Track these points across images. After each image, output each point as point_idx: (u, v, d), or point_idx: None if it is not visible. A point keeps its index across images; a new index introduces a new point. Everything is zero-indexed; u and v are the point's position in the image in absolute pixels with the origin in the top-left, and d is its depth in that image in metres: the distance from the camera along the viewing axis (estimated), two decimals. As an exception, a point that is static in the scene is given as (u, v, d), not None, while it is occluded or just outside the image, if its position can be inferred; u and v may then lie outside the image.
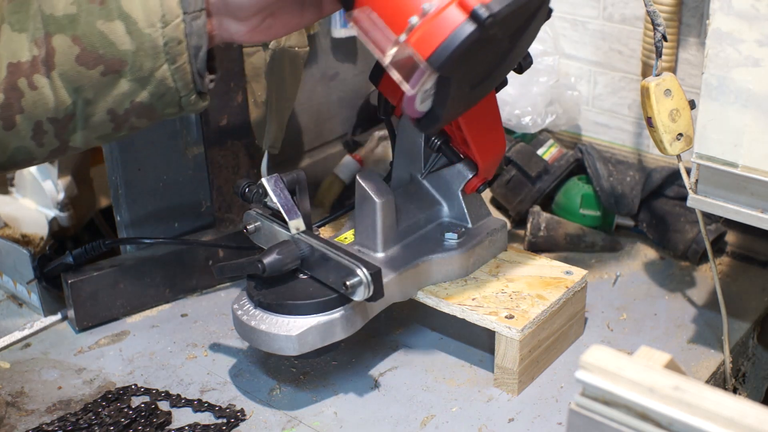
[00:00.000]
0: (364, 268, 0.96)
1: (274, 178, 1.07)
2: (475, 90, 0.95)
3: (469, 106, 1.00)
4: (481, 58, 0.89)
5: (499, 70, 0.95)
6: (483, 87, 0.97)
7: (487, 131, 1.09)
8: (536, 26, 0.95)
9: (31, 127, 0.86)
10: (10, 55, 0.84)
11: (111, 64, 0.85)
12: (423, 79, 0.84)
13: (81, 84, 0.85)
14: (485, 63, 0.91)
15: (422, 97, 0.89)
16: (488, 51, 0.89)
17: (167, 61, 0.88)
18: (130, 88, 0.87)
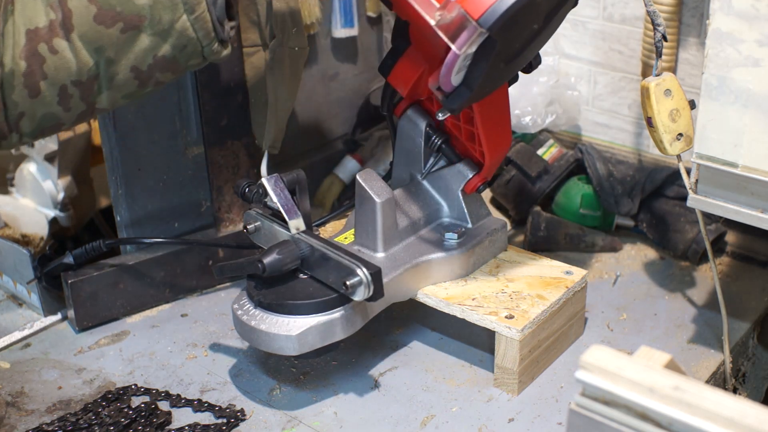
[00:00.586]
0: (364, 267, 0.96)
1: (274, 178, 1.07)
2: (506, 68, 0.96)
3: (495, 87, 1.02)
4: (521, 29, 0.90)
5: (529, 49, 0.97)
6: (512, 66, 0.98)
7: (498, 125, 1.09)
8: (564, 12, 0.97)
9: (57, 92, 0.85)
10: (27, 21, 0.83)
11: (129, 20, 0.84)
12: (471, 40, 0.86)
13: (102, 44, 0.84)
14: (521, 37, 0.93)
15: (460, 66, 0.90)
16: (528, 22, 0.90)
17: (186, 12, 0.87)
18: (152, 43, 0.86)
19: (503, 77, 1.01)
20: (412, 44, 1.04)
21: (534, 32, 0.94)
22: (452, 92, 0.93)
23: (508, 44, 0.90)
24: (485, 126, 1.06)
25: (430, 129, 1.12)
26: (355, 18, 1.43)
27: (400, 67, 1.05)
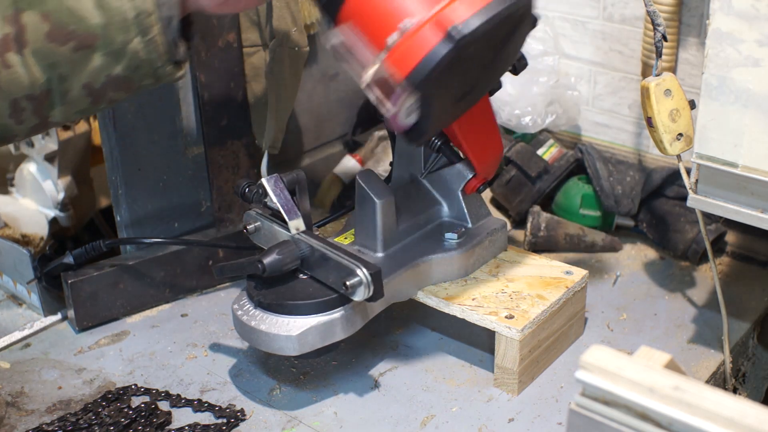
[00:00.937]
0: (364, 268, 0.96)
1: (274, 178, 1.07)
2: (461, 101, 0.94)
3: (458, 115, 1.00)
4: (462, 73, 0.88)
5: (484, 80, 0.95)
6: (469, 98, 0.96)
7: (482, 134, 1.09)
8: (521, 35, 0.95)
9: (8, 105, 0.84)
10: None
11: (82, 40, 0.84)
12: (402, 99, 0.84)
13: (54, 60, 0.84)
14: (467, 77, 0.91)
15: (406, 112, 0.88)
16: (469, 66, 0.88)
17: (139, 34, 0.86)
18: (104, 63, 0.86)
19: (463, 108, 0.99)
20: None
21: (484, 66, 0.91)
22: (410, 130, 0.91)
23: (451, 88, 0.88)
24: (467, 138, 1.06)
25: (430, 129, 1.12)
26: (355, 18, 1.42)
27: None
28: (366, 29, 0.86)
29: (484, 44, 0.86)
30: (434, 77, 0.82)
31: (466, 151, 1.08)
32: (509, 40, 0.91)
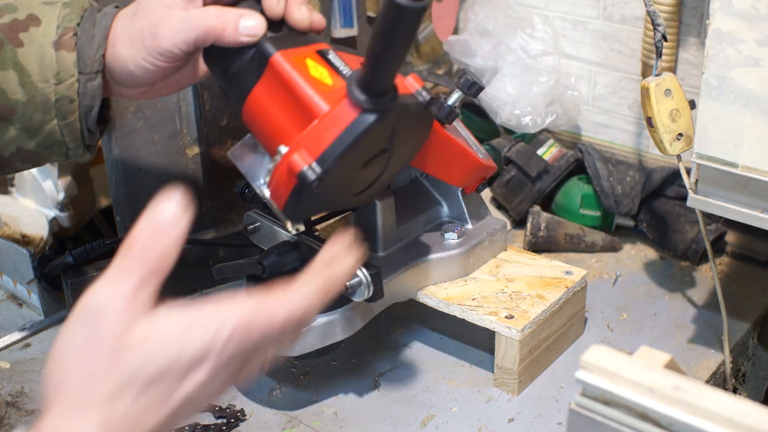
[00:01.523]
0: (364, 268, 0.96)
1: None
2: (368, 190, 0.91)
3: (369, 200, 1.00)
4: (347, 186, 0.86)
5: (390, 167, 0.90)
6: (378, 183, 0.92)
7: (449, 164, 1.05)
8: (426, 123, 0.92)
9: None
10: None
11: (0, 111, 0.87)
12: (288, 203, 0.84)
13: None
14: (360, 181, 0.88)
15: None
16: (349, 182, 0.86)
17: (57, 117, 0.89)
18: (18, 136, 0.89)
19: (374, 191, 0.94)
20: None
21: (382, 163, 0.87)
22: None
23: (340, 199, 0.89)
24: (438, 173, 1.06)
25: (430, 129, 1.12)
26: (354, 18, 1.42)
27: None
28: (259, 136, 0.88)
29: (349, 170, 0.83)
30: (304, 211, 0.84)
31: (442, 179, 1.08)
32: (408, 131, 0.88)
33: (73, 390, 0.58)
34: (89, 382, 0.58)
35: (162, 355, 0.58)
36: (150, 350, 0.58)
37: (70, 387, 0.59)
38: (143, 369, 0.58)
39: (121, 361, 0.58)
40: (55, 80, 0.87)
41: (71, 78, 0.87)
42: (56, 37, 0.87)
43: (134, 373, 0.58)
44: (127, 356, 0.58)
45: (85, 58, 0.88)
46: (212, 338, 0.59)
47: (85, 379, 0.58)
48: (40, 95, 0.87)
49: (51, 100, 0.88)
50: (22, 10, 0.89)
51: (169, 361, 0.58)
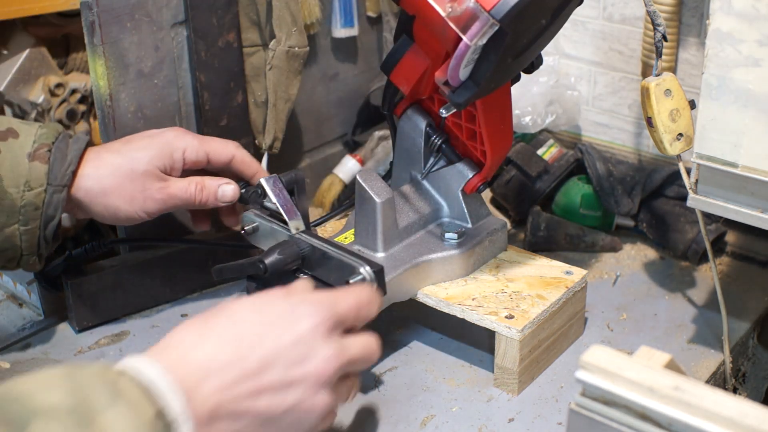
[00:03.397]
0: (367, 266, 0.96)
1: (273, 179, 1.07)
2: (513, 63, 0.97)
3: (501, 83, 1.03)
4: (530, 23, 0.92)
5: (535, 45, 0.98)
6: (519, 62, 0.99)
7: (500, 123, 1.09)
8: (569, 11, 0.98)
9: None
10: None
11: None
12: (482, 31, 0.87)
13: None
14: (530, 32, 0.94)
15: (468, 59, 0.91)
16: (537, 16, 0.92)
17: (20, 222, 0.97)
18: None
19: (509, 73, 1.02)
20: (416, 42, 1.04)
21: (541, 28, 0.95)
22: (459, 87, 0.94)
23: (517, 38, 0.91)
24: (488, 124, 1.07)
25: (430, 129, 1.12)
26: (355, 18, 1.43)
27: (402, 65, 1.05)
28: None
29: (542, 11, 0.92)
30: (517, 11, 0.86)
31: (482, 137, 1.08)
32: (564, 8, 0.96)
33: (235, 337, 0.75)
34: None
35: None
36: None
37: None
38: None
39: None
40: (25, 187, 0.97)
41: (40, 187, 0.97)
42: (32, 150, 0.98)
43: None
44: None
45: (56, 171, 0.98)
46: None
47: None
48: (8, 199, 0.96)
49: (17, 206, 0.97)
50: (2, 124, 1.00)
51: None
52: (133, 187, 1.03)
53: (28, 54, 1.37)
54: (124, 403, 0.65)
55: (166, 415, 0.67)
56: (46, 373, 0.66)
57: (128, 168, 1.03)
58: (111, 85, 1.12)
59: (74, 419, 0.62)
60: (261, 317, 0.76)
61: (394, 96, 1.14)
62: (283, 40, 1.22)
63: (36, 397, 0.63)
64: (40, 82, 1.39)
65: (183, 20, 1.17)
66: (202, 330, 0.75)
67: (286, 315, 0.77)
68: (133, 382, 0.67)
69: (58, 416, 0.62)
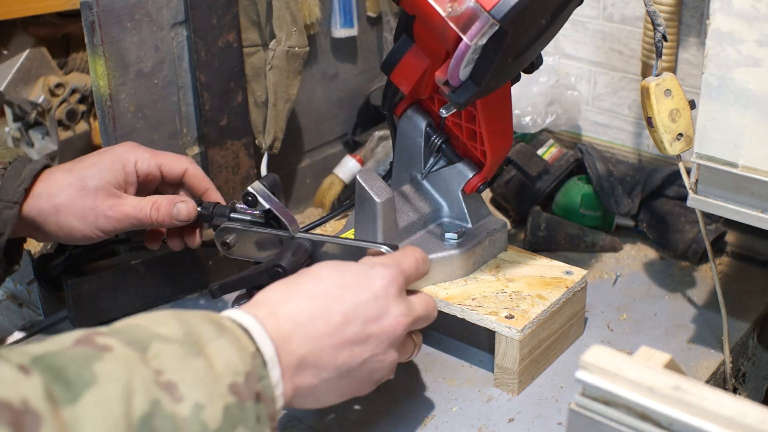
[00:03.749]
0: (384, 246, 0.97)
1: (259, 185, 1.06)
2: (513, 63, 0.98)
3: (501, 83, 1.03)
4: (530, 23, 0.92)
5: (535, 45, 0.98)
6: (519, 62, 0.99)
7: (500, 123, 1.09)
8: (569, 11, 0.98)
9: None
10: None
11: None
12: (483, 31, 0.87)
13: None
14: (530, 32, 0.94)
15: (468, 59, 0.91)
16: (538, 16, 0.92)
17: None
18: None
19: (510, 73, 1.02)
20: (416, 42, 1.04)
21: (541, 28, 0.95)
22: (459, 87, 0.94)
23: (518, 38, 0.92)
24: (488, 124, 1.07)
25: (430, 129, 1.12)
26: (355, 18, 1.43)
27: (403, 65, 1.05)
28: None
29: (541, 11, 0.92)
30: (517, 12, 0.86)
31: (482, 137, 1.08)
32: (564, 8, 0.96)
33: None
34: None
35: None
36: None
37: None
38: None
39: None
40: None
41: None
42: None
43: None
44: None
45: (8, 188, 0.98)
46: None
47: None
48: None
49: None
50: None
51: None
52: (84, 203, 1.01)
53: (28, 54, 1.38)
54: (229, 336, 0.72)
55: (264, 354, 0.74)
56: (155, 313, 0.73)
57: (79, 185, 1.02)
58: (111, 85, 1.12)
59: (187, 345, 0.69)
60: (341, 277, 0.83)
61: (394, 96, 1.14)
62: (283, 40, 1.22)
63: (152, 327, 0.70)
64: (40, 82, 1.39)
65: (183, 20, 1.17)
66: (287, 288, 0.83)
67: (362, 275, 0.84)
68: (234, 324, 0.75)
69: (173, 341, 0.69)
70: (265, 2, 1.21)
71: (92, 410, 0.61)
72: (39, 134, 1.45)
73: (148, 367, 0.66)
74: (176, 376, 0.66)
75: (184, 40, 1.18)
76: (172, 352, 0.68)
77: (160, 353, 0.67)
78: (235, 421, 0.68)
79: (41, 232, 1.03)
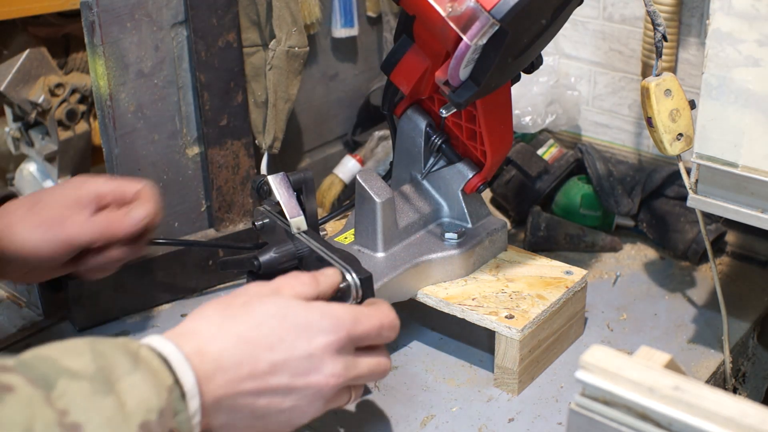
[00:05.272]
0: (354, 273, 0.94)
1: (280, 176, 1.06)
2: (513, 63, 0.97)
3: (501, 83, 1.03)
4: (531, 23, 0.92)
5: (535, 45, 0.98)
6: (519, 62, 0.99)
7: (500, 123, 1.09)
8: (569, 11, 0.98)
9: None
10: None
11: None
12: (483, 31, 0.87)
13: None
14: (530, 32, 0.94)
15: (468, 59, 0.91)
16: (538, 16, 0.92)
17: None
18: None
19: (510, 73, 1.02)
20: (416, 42, 1.04)
21: (541, 28, 0.95)
22: (459, 86, 0.94)
23: (518, 38, 0.92)
24: (488, 124, 1.07)
25: (430, 129, 1.12)
26: (355, 18, 1.43)
27: (403, 65, 1.05)
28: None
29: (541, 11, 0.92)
30: (517, 11, 0.86)
31: (482, 138, 1.08)
32: (564, 8, 0.96)
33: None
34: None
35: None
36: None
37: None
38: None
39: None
40: None
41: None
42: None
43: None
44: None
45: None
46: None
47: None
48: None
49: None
50: None
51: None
52: (40, 216, 0.98)
53: (28, 54, 1.37)
54: (144, 370, 0.69)
55: (183, 386, 0.72)
56: (71, 341, 0.69)
57: (33, 201, 1.00)
58: (111, 85, 1.12)
59: (97, 382, 0.66)
60: (281, 324, 0.79)
61: (394, 96, 1.14)
62: (283, 40, 1.22)
63: (62, 360, 0.67)
64: (40, 82, 1.39)
65: (183, 20, 1.17)
66: (222, 322, 0.79)
67: (304, 327, 0.80)
68: (153, 353, 0.72)
69: (82, 377, 0.66)
70: (265, 2, 1.21)
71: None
72: (39, 134, 1.45)
73: (52, 407, 0.63)
74: (82, 417, 0.63)
75: (184, 40, 1.18)
76: (81, 390, 0.65)
77: (67, 391, 0.64)
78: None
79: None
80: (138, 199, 1.04)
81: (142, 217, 1.02)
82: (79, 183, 1.03)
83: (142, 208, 1.02)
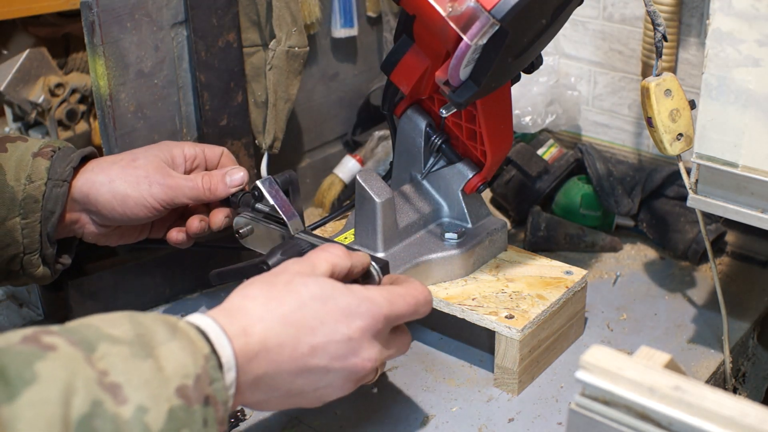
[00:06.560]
0: (373, 261, 0.95)
1: (269, 180, 1.06)
2: (513, 63, 0.98)
3: (501, 83, 1.03)
4: (531, 23, 0.92)
5: (535, 45, 0.98)
6: (519, 61, 0.99)
7: (500, 123, 1.09)
8: (569, 11, 0.99)
9: None
10: None
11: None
12: (483, 30, 0.87)
13: None
14: (530, 32, 0.94)
15: (469, 59, 0.91)
16: (538, 16, 0.92)
17: (20, 215, 0.98)
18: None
19: (510, 73, 1.02)
20: (416, 42, 1.04)
21: (542, 28, 0.95)
22: (459, 86, 0.94)
23: (518, 37, 0.92)
24: (488, 124, 1.07)
25: (430, 129, 1.12)
26: (355, 18, 1.43)
27: (403, 65, 1.05)
28: None
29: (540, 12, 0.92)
30: (517, 11, 0.86)
31: (482, 138, 1.08)
32: (564, 8, 0.96)
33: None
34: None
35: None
36: None
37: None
38: None
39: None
40: (26, 180, 0.98)
41: (40, 180, 0.98)
42: (37, 149, 1.00)
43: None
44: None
45: (57, 167, 0.99)
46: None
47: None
48: (8, 192, 0.98)
49: (18, 198, 0.98)
50: (14, 134, 1.09)
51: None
52: (137, 173, 1.02)
53: (28, 54, 1.38)
54: (182, 339, 0.71)
55: (220, 357, 0.74)
56: (111, 314, 0.72)
57: (129, 159, 1.04)
58: (111, 85, 1.13)
59: (137, 347, 0.68)
60: (322, 307, 0.81)
61: (394, 96, 1.14)
62: (283, 40, 1.22)
63: (103, 327, 0.70)
64: (40, 82, 1.39)
65: (183, 20, 1.17)
66: (267, 302, 0.80)
67: (344, 311, 0.82)
68: (190, 326, 0.74)
69: (123, 342, 0.68)
70: (265, 2, 1.21)
71: (28, 410, 0.60)
72: (39, 134, 1.45)
73: (93, 367, 0.65)
74: (122, 378, 0.66)
75: (184, 40, 1.18)
76: (120, 353, 0.67)
77: (108, 354, 0.67)
78: (180, 424, 0.67)
79: (93, 211, 1.03)
80: (221, 164, 1.10)
81: (242, 180, 1.07)
82: (170, 145, 1.08)
83: (240, 171, 1.08)
